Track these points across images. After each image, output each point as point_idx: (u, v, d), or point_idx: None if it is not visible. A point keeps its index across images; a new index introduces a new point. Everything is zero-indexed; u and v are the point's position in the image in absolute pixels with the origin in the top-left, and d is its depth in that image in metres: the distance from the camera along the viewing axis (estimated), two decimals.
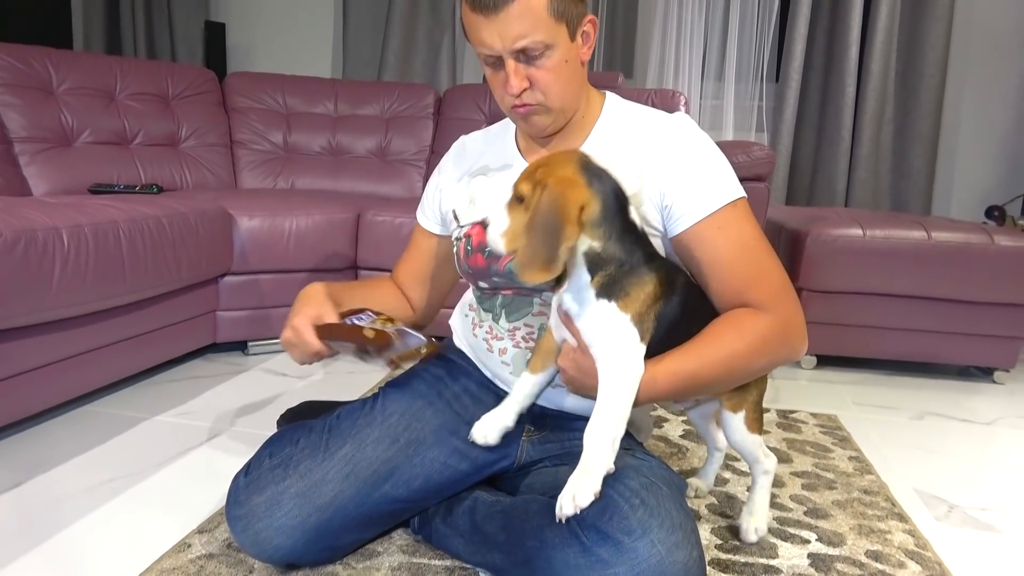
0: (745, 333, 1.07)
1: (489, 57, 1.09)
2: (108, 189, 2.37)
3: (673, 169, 1.11)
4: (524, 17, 1.03)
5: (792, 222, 2.53)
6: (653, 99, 2.86)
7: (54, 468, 1.49)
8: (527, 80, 1.09)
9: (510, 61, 1.07)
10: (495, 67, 1.10)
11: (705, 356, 1.05)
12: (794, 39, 3.37)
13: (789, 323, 1.11)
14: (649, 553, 0.91)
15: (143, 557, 1.17)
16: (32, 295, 1.51)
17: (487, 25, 1.05)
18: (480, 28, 1.06)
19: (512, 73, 1.08)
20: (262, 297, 2.30)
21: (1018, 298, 2.31)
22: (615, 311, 1.00)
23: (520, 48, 1.05)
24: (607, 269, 1.00)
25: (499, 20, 1.04)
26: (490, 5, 1.03)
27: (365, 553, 1.20)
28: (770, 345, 1.09)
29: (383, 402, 1.22)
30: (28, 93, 2.36)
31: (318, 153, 3.03)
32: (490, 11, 1.03)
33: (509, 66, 1.08)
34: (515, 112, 1.14)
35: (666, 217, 1.12)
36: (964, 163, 3.49)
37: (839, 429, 1.92)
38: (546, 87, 1.10)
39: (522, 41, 1.05)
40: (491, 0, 1.03)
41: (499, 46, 1.06)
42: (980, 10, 3.36)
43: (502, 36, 1.05)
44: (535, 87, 1.09)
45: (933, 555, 1.29)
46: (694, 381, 1.06)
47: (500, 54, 1.07)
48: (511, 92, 1.09)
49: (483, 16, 1.04)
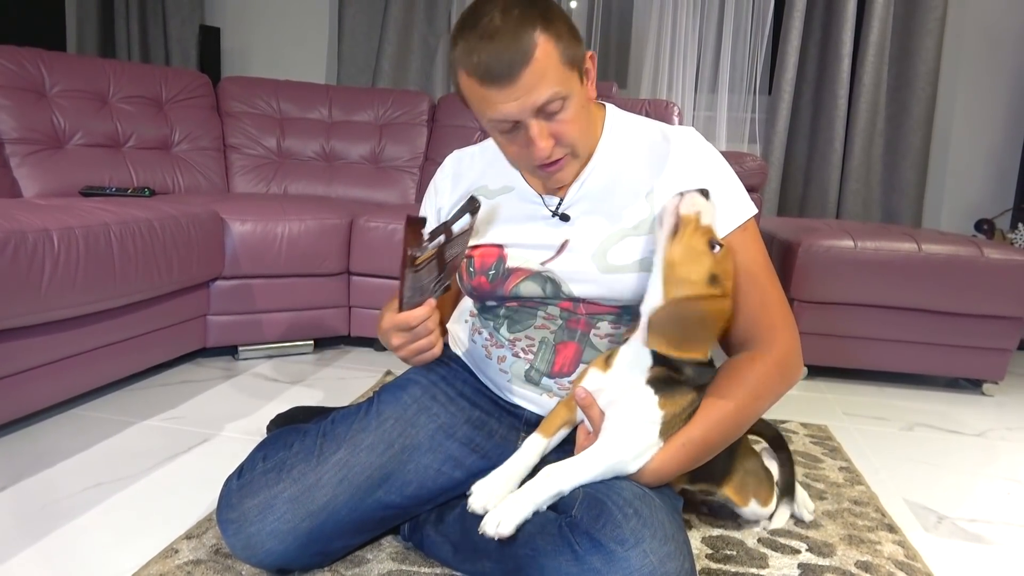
0: (746, 382, 1.08)
1: (503, 124, 1.03)
2: (99, 192, 2.36)
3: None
4: (542, 76, 0.98)
5: (784, 233, 2.54)
6: (647, 109, 2.88)
7: (41, 472, 1.48)
8: (551, 138, 1.04)
9: (533, 124, 1.01)
10: (510, 132, 1.04)
11: (711, 417, 1.06)
12: (787, 52, 3.40)
13: (787, 357, 1.11)
14: (641, 563, 0.91)
15: (130, 562, 1.16)
16: (21, 297, 1.50)
17: (502, 95, 0.98)
18: (493, 100, 0.99)
19: (538, 136, 1.02)
20: (253, 302, 2.29)
21: (1007, 310, 2.33)
22: (653, 403, 1.02)
23: (540, 107, 1.00)
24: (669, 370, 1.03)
25: (516, 87, 0.97)
26: (504, 75, 0.97)
27: (355, 560, 1.19)
28: (771, 384, 1.10)
29: (378, 407, 1.21)
30: (20, 95, 2.35)
31: (311, 158, 3.02)
32: (505, 82, 0.97)
33: (533, 130, 1.02)
34: (542, 171, 1.09)
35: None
36: (954, 176, 3.52)
37: (829, 439, 1.92)
38: (572, 139, 1.06)
39: (542, 100, 0.99)
40: (504, 71, 0.96)
41: (518, 113, 1.00)
42: (971, 24, 3.40)
43: (521, 102, 0.99)
44: (560, 142, 1.05)
45: (923, 566, 1.30)
46: (706, 444, 1.07)
47: (519, 120, 1.01)
48: (541, 156, 1.04)
49: (496, 88, 0.98)
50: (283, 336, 2.38)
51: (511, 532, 0.97)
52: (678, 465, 1.06)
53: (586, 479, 1.01)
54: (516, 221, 1.18)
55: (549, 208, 1.16)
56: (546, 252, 1.14)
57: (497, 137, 1.08)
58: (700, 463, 1.10)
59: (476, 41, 0.97)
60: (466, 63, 0.99)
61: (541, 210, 1.17)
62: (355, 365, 2.37)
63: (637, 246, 1.10)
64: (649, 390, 1.03)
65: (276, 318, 2.35)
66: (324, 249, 2.33)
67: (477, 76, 0.98)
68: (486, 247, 1.19)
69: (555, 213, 1.15)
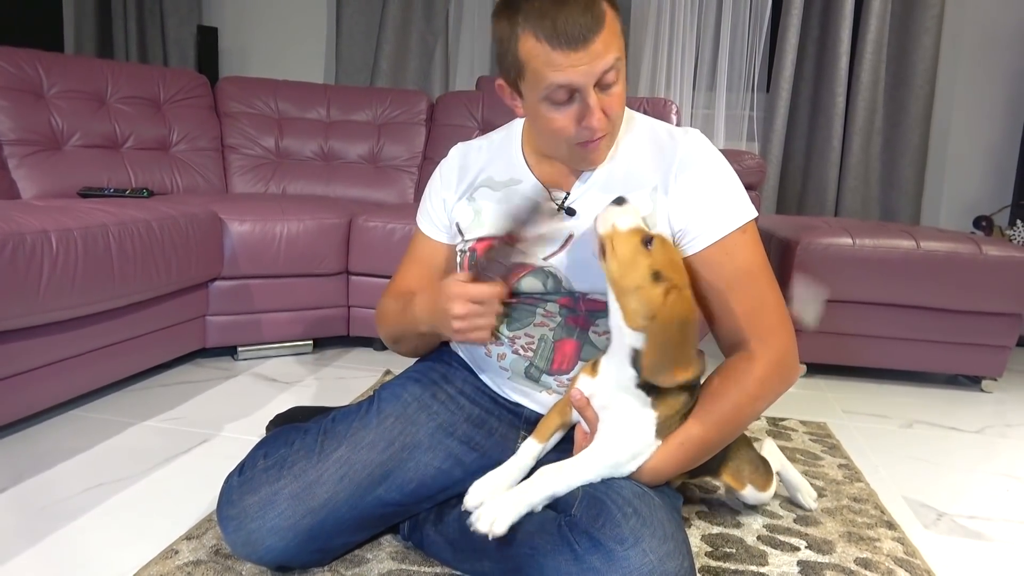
0: (743, 383, 1.09)
1: (560, 92, 1.00)
2: (98, 193, 2.36)
3: (688, 192, 1.11)
4: (608, 43, 0.97)
5: (782, 231, 2.54)
6: (645, 107, 2.88)
7: (41, 473, 1.48)
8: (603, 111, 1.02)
9: (592, 95, 1.00)
10: (564, 104, 1.02)
11: (709, 418, 1.06)
12: (784, 50, 3.40)
13: (783, 357, 1.12)
14: (641, 562, 0.91)
15: (130, 563, 1.16)
16: (20, 299, 1.50)
17: (573, 59, 0.96)
18: (561, 64, 0.97)
19: (595, 107, 1.00)
20: (252, 302, 2.29)
21: (1005, 307, 2.33)
22: (647, 404, 1.02)
23: (602, 76, 0.99)
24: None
25: (588, 52, 0.96)
26: (580, 38, 0.95)
27: (354, 560, 1.19)
28: (768, 385, 1.11)
29: (378, 405, 1.21)
30: (18, 96, 2.35)
31: (310, 158, 3.02)
32: (579, 45, 0.95)
33: (592, 99, 1.00)
34: (585, 147, 1.09)
35: (678, 239, 1.12)
36: (952, 173, 3.52)
37: (829, 437, 1.92)
38: (617, 113, 1.06)
39: (609, 66, 0.98)
40: (579, 33, 0.95)
41: (583, 78, 0.98)
42: (969, 21, 3.40)
43: (589, 67, 0.97)
44: (609, 115, 1.04)
45: (922, 563, 1.30)
46: (704, 444, 1.07)
47: (582, 87, 0.99)
48: (599, 126, 1.03)
49: (570, 51, 0.96)
50: (282, 336, 2.38)
51: (504, 531, 0.97)
52: (676, 464, 1.06)
53: (581, 481, 1.02)
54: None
55: (556, 202, 1.16)
56: (550, 247, 1.15)
57: (545, 109, 1.05)
58: (698, 462, 1.10)
59: (548, 5, 0.96)
60: (537, 25, 0.97)
61: (547, 204, 1.17)
62: (354, 365, 2.37)
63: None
64: (641, 392, 1.03)
65: (275, 318, 2.35)
66: (323, 249, 2.33)
67: (549, 39, 0.96)
68: (490, 240, 1.18)
69: (561, 207, 1.15)
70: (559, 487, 1.01)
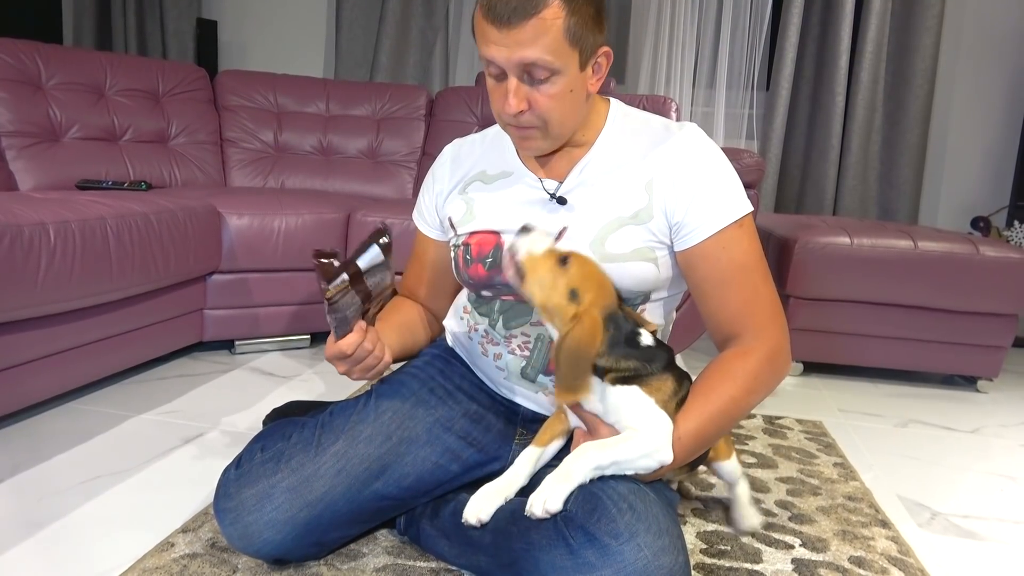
0: (737, 377, 1.09)
1: (492, 67, 1.04)
2: (96, 185, 2.35)
3: (684, 186, 1.10)
4: (537, 37, 0.98)
5: (780, 229, 2.55)
6: (645, 105, 2.87)
7: (37, 465, 1.48)
8: (526, 102, 1.04)
9: (513, 79, 1.03)
10: (497, 78, 1.06)
11: (705, 412, 1.06)
12: (785, 48, 3.40)
13: (776, 352, 1.12)
14: (635, 557, 0.91)
15: (125, 556, 1.16)
16: (17, 291, 1.50)
17: (497, 37, 1.00)
18: (489, 37, 1.01)
19: (512, 92, 1.03)
20: (250, 296, 2.29)
21: (1002, 308, 2.34)
22: (639, 392, 1.02)
23: (526, 67, 1.01)
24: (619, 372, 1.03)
25: (511, 34, 0.98)
26: (504, 17, 0.98)
27: (350, 554, 1.19)
28: (762, 379, 1.11)
29: (376, 400, 1.21)
30: (16, 87, 2.34)
31: (309, 153, 3.02)
32: (503, 24, 0.98)
33: (511, 84, 1.03)
34: (512, 130, 1.12)
35: (674, 232, 1.12)
36: (951, 173, 3.53)
37: (824, 435, 1.93)
38: (546, 113, 1.06)
39: (528, 60, 1.00)
40: (506, 12, 0.98)
41: (504, 61, 1.01)
42: (969, 21, 3.40)
43: (510, 51, 1.00)
44: (533, 110, 1.05)
45: (915, 561, 1.30)
46: (701, 437, 1.07)
47: (501, 67, 1.03)
48: (507, 109, 1.05)
49: (495, 27, 0.99)
50: (280, 330, 2.38)
51: (560, 507, 0.96)
52: (677, 459, 1.06)
53: (621, 458, 1.00)
54: (514, 206, 1.17)
55: (547, 191, 1.16)
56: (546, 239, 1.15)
57: (488, 79, 1.09)
58: (695, 457, 1.11)
59: None
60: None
61: (539, 194, 1.17)
62: None
63: (635, 235, 1.10)
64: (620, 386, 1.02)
65: (273, 312, 2.35)
66: (321, 243, 2.33)
67: (483, 8, 1.00)
68: (483, 234, 1.18)
69: (553, 196, 1.15)
70: (603, 459, 1.00)
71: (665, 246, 1.12)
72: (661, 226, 1.11)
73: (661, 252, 1.12)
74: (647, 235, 1.11)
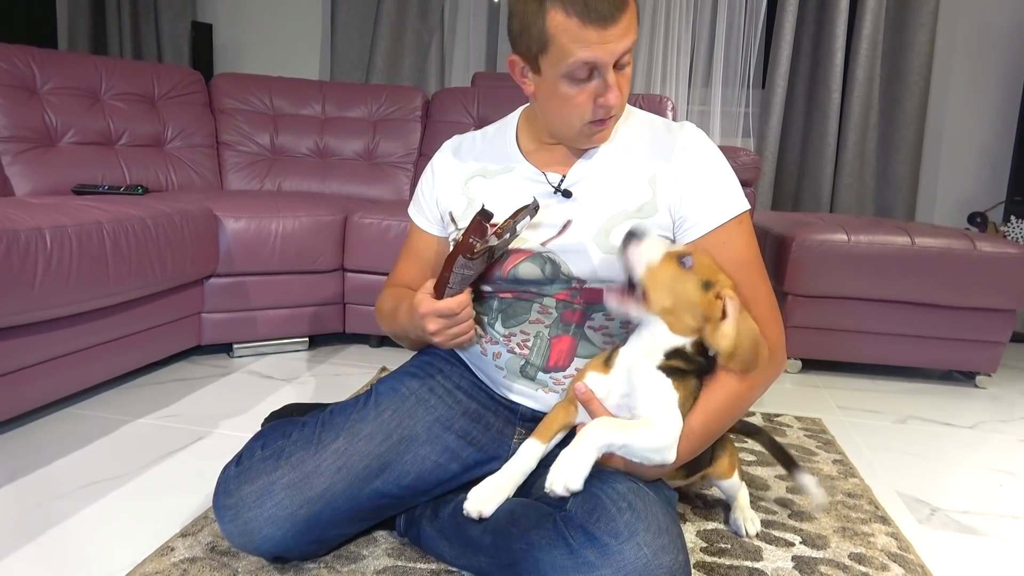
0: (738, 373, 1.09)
1: (581, 70, 1.03)
2: (92, 190, 2.35)
3: (686, 182, 1.12)
4: (632, 23, 1.02)
5: (777, 227, 2.55)
6: (641, 104, 2.87)
7: (36, 470, 1.48)
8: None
9: (611, 73, 1.03)
10: (584, 81, 1.05)
11: (708, 407, 1.07)
12: (780, 46, 3.40)
13: (774, 347, 1.13)
14: (635, 556, 0.91)
15: (125, 560, 1.16)
16: (14, 296, 1.49)
17: (600, 36, 0.99)
18: (590, 40, 1.00)
19: (614, 85, 1.04)
20: (248, 299, 2.29)
21: (999, 303, 2.34)
22: (670, 387, 1.03)
23: (622, 55, 1.03)
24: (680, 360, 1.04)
25: (616, 30, 0.99)
26: (608, 16, 0.98)
27: (350, 556, 1.19)
28: (763, 374, 1.11)
29: (376, 399, 1.21)
30: (11, 92, 2.34)
31: (305, 155, 3.02)
32: (608, 23, 0.99)
33: (611, 78, 1.03)
34: (595, 126, 1.11)
35: (677, 227, 1.14)
36: (947, 170, 3.53)
37: (823, 432, 1.93)
38: (626, 95, 1.09)
39: (630, 45, 1.02)
40: (609, 11, 0.98)
41: (608, 56, 1.01)
42: (964, 18, 3.41)
43: (615, 44, 1.00)
44: (622, 94, 1.08)
45: (915, 558, 1.30)
46: (705, 434, 1.08)
47: (603, 65, 1.02)
48: (615, 103, 1.05)
49: (599, 28, 0.99)
50: (278, 333, 2.38)
51: (581, 487, 0.96)
52: (680, 456, 1.06)
53: (634, 442, 1.00)
54: (517, 199, 1.17)
55: (551, 184, 1.17)
56: (548, 231, 1.15)
57: (564, 86, 1.06)
58: (698, 453, 1.11)
59: None
60: (568, 1, 0.99)
61: (543, 187, 1.17)
62: (350, 361, 2.37)
63: None
64: (661, 374, 1.03)
65: (271, 315, 2.35)
66: (318, 246, 2.33)
67: (579, 14, 0.98)
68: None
69: (558, 189, 1.16)
70: (615, 438, 0.99)
71: (668, 241, 1.13)
72: (665, 220, 1.13)
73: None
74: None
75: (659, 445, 1.01)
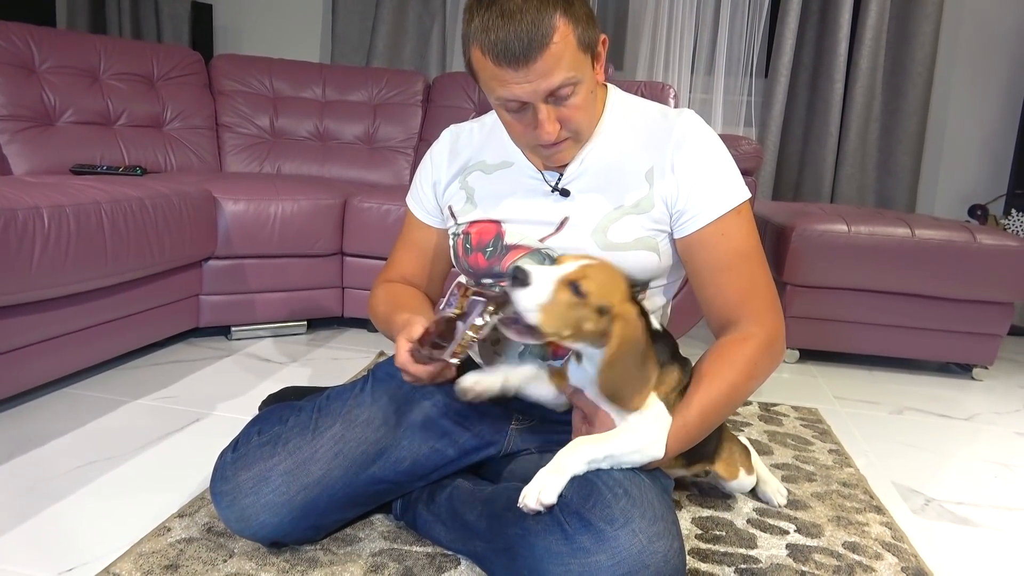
0: (736, 362, 1.09)
1: (511, 103, 1.01)
2: (90, 170, 2.34)
3: (684, 174, 1.10)
4: (557, 61, 0.96)
5: (778, 217, 2.54)
6: (643, 92, 2.86)
7: (33, 451, 1.48)
8: (558, 122, 1.03)
9: (542, 107, 1.00)
10: (517, 112, 1.03)
11: (706, 398, 1.06)
12: (784, 35, 3.38)
13: (773, 338, 1.12)
14: (630, 542, 0.91)
15: (122, 540, 1.16)
16: (11, 275, 1.49)
17: (516, 76, 0.97)
18: (505, 80, 0.98)
19: (546, 120, 1.01)
20: (246, 282, 2.28)
21: (998, 296, 2.34)
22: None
23: (551, 92, 0.99)
24: None
25: (532, 70, 0.96)
26: (520, 58, 0.94)
27: (347, 539, 1.19)
28: (760, 365, 1.11)
29: (373, 384, 1.21)
30: (9, 71, 2.32)
31: (305, 138, 3.00)
32: (520, 64, 0.95)
33: (542, 113, 1.00)
34: (543, 150, 1.09)
35: (674, 219, 1.12)
36: (949, 162, 3.52)
37: (820, 422, 1.94)
38: (577, 123, 1.05)
39: (555, 85, 0.98)
40: (521, 52, 0.94)
41: (529, 96, 0.99)
42: (969, 9, 3.39)
43: (534, 86, 0.97)
44: (566, 126, 1.04)
45: (909, 547, 1.31)
46: (703, 424, 1.08)
47: (529, 101, 1.00)
48: (546, 139, 1.03)
49: (511, 69, 0.96)
50: (276, 316, 2.38)
51: (554, 500, 0.96)
52: (678, 445, 1.06)
53: (615, 452, 1.00)
54: (515, 196, 1.17)
55: (549, 183, 1.16)
56: (546, 228, 1.14)
57: (503, 114, 1.07)
58: (697, 442, 1.11)
59: (495, 18, 0.95)
60: (481, 40, 0.97)
61: (541, 185, 1.16)
62: (348, 345, 2.37)
63: (637, 225, 1.10)
64: None
65: (269, 298, 2.34)
66: (317, 229, 2.32)
67: (492, 55, 0.96)
68: (483, 223, 1.18)
69: (555, 188, 1.15)
70: (596, 453, 1.00)
71: (666, 234, 1.13)
72: (662, 214, 1.11)
73: (662, 240, 1.12)
74: (649, 224, 1.11)
75: (639, 446, 1.02)
